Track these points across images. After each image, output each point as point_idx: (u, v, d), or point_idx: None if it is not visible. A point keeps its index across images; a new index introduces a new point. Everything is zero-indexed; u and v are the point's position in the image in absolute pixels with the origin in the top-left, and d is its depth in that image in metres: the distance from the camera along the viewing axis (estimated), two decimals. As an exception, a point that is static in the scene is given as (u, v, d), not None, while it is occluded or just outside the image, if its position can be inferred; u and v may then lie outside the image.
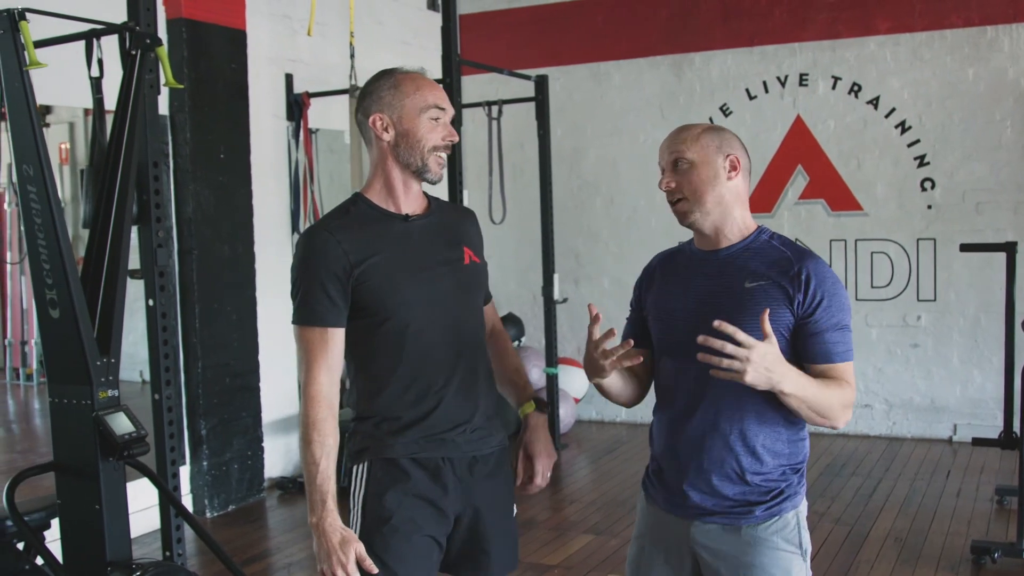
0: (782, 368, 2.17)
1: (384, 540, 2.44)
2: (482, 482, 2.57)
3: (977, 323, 7.21)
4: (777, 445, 2.37)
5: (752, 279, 2.36)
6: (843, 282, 7.31)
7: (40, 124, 3.31)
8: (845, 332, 2.33)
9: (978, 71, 7.13)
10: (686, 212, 2.41)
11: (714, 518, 2.41)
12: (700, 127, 2.45)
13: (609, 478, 6.68)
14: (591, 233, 8.36)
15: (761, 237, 2.43)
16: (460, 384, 2.54)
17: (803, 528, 2.41)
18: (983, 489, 6.06)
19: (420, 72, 2.60)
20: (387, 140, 2.51)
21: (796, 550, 2.38)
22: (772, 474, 2.38)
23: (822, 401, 2.26)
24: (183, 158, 5.78)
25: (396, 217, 2.54)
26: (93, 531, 3.35)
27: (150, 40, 3.64)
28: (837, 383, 2.30)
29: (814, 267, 2.33)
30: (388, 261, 2.47)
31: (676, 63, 8.02)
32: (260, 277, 6.28)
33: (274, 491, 6.40)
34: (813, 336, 2.32)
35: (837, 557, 4.98)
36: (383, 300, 2.46)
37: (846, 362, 2.33)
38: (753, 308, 2.30)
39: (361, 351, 2.54)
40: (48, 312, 3.35)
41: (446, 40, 6.22)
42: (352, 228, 2.48)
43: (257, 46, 6.29)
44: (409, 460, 2.50)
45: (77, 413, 3.37)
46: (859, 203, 7.51)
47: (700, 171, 2.39)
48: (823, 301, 2.31)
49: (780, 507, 2.38)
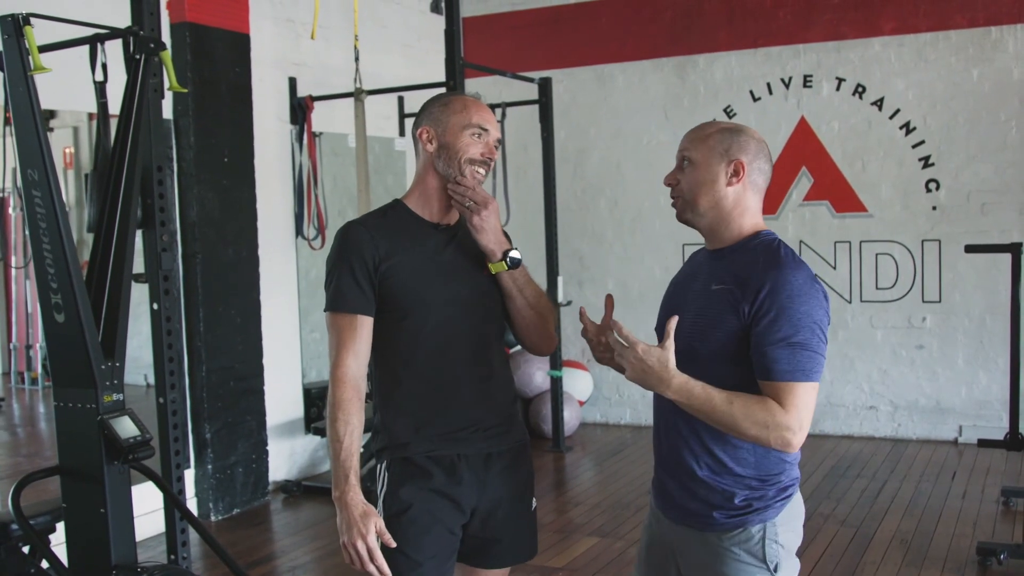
0: (664, 374, 2.20)
1: (403, 531, 2.54)
2: (498, 476, 2.66)
3: (983, 324, 7.20)
4: (740, 453, 2.32)
5: (719, 282, 2.34)
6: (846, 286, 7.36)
7: (44, 128, 3.32)
8: (795, 350, 2.20)
9: (983, 71, 7.12)
10: (681, 210, 2.42)
11: (686, 520, 2.41)
12: (716, 127, 2.40)
13: (614, 480, 6.68)
14: (595, 235, 8.36)
15: (753, 242, 2.37)
16: (476, 386, 2.63)
17: (772, 543, 2.32)
18: (989, 491, 6.04)
19: (474, 96, 2.72)
20: (430, 151, 2.63)
21: (759, 564, 2.31)
22: (733, 482, 2.33)
23: (719, 416, 2.20)
24: (187, 162, 5.79)
25: (428, 224, 2.66)
26: (98, 535, 3.36)
27: (154, 44, 3.65)
28: (757, 400, 2.21)
29: (776, 278, 2.23)
30: (414, 262, 2.59)
31: (680, 65, 8.02)
32: (264, 280, 6.28)
33: (279, 494, 6.40)
34: (755, 349, 2.23)
35: (843, 559, 4.98)
36: (404, 298, 2.57)
37: (790, 382, 2.19)
38: (711, 310, 2.32)
39: (381, 348, 2.63)
40: (53, 316, 3.36)
41: (449, 43, 6.22)
42: (387, 228, 2.62)
43: (261, 50, 6.30)
44: (425, 458, 2.59)
45: (82, 417, 3.38)
46: (864, 204, 7.50)
47: (699, 173, 2.37)
48: (770, 314, 2.21)
49: (744, 518, 2.32)
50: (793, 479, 2.39)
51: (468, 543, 2.68)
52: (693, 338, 2.32)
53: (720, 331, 2.28)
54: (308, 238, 6.67)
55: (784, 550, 2.34)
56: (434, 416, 2.59)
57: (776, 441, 2.20)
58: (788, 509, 2.37)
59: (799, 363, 2.20)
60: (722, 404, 2.20)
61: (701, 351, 2.31)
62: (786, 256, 2.31)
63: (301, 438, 6.77)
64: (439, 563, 2.60)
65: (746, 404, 2.20)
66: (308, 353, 6.96)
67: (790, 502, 2.38)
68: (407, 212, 2.67)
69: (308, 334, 6.99)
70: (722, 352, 2.29)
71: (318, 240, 6.67)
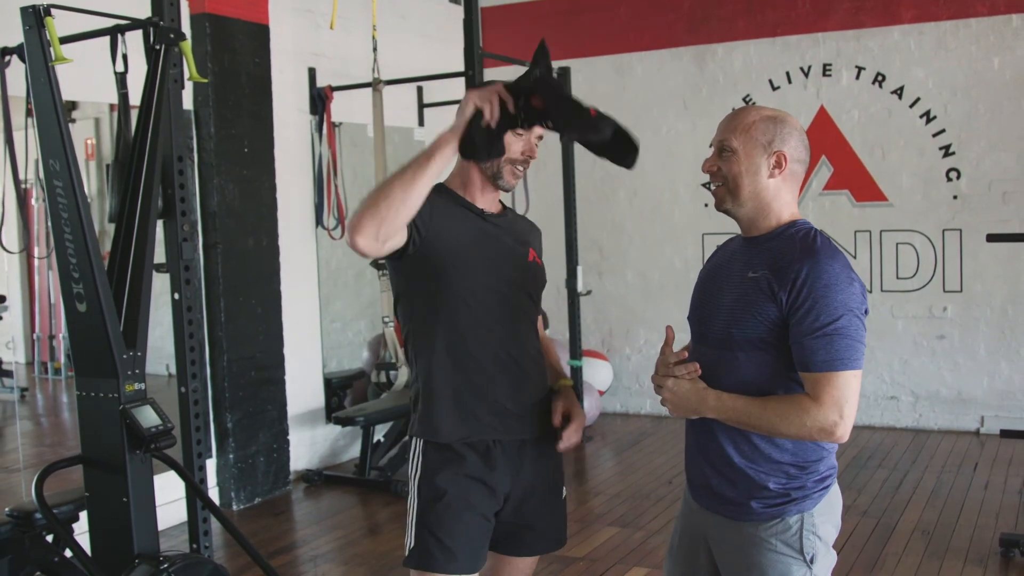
0: (695, 398, 2.30)
1: (438, 517, 2.58)
2: (531, 463, 2.69)
3: (1004, 314, 7.15)
4: (777, 439, 2.30)
5: (755, 270, 2.32)
6: (866, 276, 7.32)
7: (66, 119, 3.33)
8: (832, 339, 2.19)
9: (1004, 60, 7.06)
10: (721, 199, 2.40)
11: (721, 509, 2.39)
12: (759, 115, 2.37)
13: (634, 471, 6.67)
14: (615, 225, 8.35)
15: (789, 230, 2.35)
16: (514, 372, 2.65)
17: (810, 534, 2.30)
18: (1011, 482, 6.01)
19: None
20: None
21: (796, 555, 2.29)
22: (771, 470, 2.31)
23: (757, 423, 2.25)
24: (208, 152, 5.80)
25: (475, 209, 2.69)
26: (121, 523, 3.38)
27: (174, 35, 3.66)
28: (789, 400, 2.23)
29: (812, 266, 2.22)
30: (460, 237, 2.60)
31: (699, 54, 7.99)
32: (284, 270, 6.30)
33: (300, 484, 6.43)
34: (794, 340, 2.23)
35: (864, 550, 4.96)
36: (446, 267, 2.57)
37: (828, 372, 2.19)
38: (747, 298, 2.30)
39: (423, 332, 2.64)
40: (75, 306, 3.37)
41: (468, 33, 6.21)
42: (439, 203, 2.59)
43: (280, 40, 6.31)
44: (462, 444, 2.61)
45: (104, 406, 3.40)
46: (884, 194, 7.46)
47: (740, 163, 2.34)
48: (807, 303, 2.20)
49: (782, 508, 2.30)
50: (831, 468, 2.37)
51: (500, 530, 2.70)
52: (730, 325, 2.31)
53: (757, 318, 2.27)
54: (328, 228, 6.69)
55: (821, 542, 2.32)
56: (472, 401, 2.61)
57: (819, 435, 2.21)
58: (827, 500, 2.35)
59: (837, 352, 2.20)
60: (758, 411, 2.24)
61: (737, 338, 2.30)
62: (822, 245, 2.30)
63: (322, 427, 6.79)
64: (474, 549, 2.62)
65: (778, 407, 2.22)
66: (329, 343, 6.98)
67: (828, 492, 2.36)
68: (454, 195, 2.68)
69: (329, 324, 7.00)
70: (759, 339, 2.28)
71: (337, 230, 6.68)
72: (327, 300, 6.93)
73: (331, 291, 7.03)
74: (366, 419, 6.26)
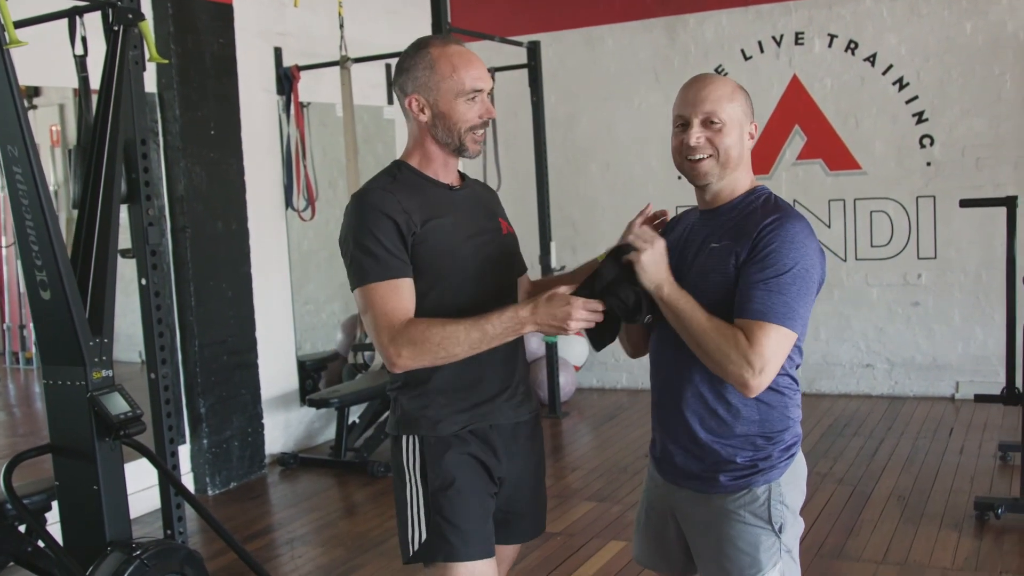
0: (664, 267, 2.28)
1: (450, 502, 2.49)
2: (521, 446, 2.65)
3: (978, 280, 7.18)
4: (743, 411, 2.30)
5: (718, 239, 2.32)
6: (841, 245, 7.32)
7: (23, 104, 3.26)
8: (773, 294, 2.18)
9: (976, 24, 7.05)
10: (707, 172, 2.35)
11: (688, 484, 2.40)
12: (731, 84, 2.39)
13: (610, 445, 6.67)
14: (588, 200, 8.31)
15: (750, 197, 2.37)
16: (504, 349, 2.51)
17: (777, 503, 2.31)
18: (986, 446, 6.05)
19: (456, 45, 2.52)
20: (424, 121, 2.51)
21: (765, 525, 2.30)
22: (738, 444, 2.31)
23: (695, 329, 2.21)
24: (173, 135, 5.73)
25: (442, 185, 2.56)
26: (92, 512, 3.35)
27: (132, 15, 3.60)
28: (732, 330, 2.19)
29: (775, 223, 2.24)
30: (445, 225, 2.49)
31: (670, 25, 7.94)
32: (255, 253, 6.24)
33: (275, 467, 6.40)
34: (740, 287, 2.23)
35: (840, 517, 4.98)
36: (439, 262, 2.47)
37: (760, 321, 2.17)
38: (710, 267, 2.31)
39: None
40: (39, 293, 3.33)
41: (436, 7, 6.16)
42: (405, 191, 2.48)
43: (244, 19, 6.22)
44: (464, 431, 2.54)
45: (71, 394, 3.36)
46: (857, 162, 7.46)
47: (732, 134, 2.33)
48: (761, 254, 2.21)
49: (750, 480, 2.31)
50: (796, 436, 2.39)
51: (493, 517, 2.62)
52: (695, 296, 2.27)
53: (722, 287, 2.27)
54: (298, 209, 6.63)
55: (789, 511, 2.34)
56: (469, 385, 2.52)
57: (734, 376, 2.19)
58: (792, 468, 2.37)
59: (773, 305, 2.19)
60: (702, 320, 2.21)
61: (704, 305, 2.27)
62: (785, 207, 2.33)
63: (296, 410, 6.75)
64: (486, 528, 2.55)
65: (721, 328, 2.20)
66: (302, 325, 6.94)
67: (794, 461, 2.38)
68: (415, 173, 2.54)
69: (301, 306, 6.96)
70: (725, 306, 2.25)
71: (308, 211, 6.62)
72: (299, 282, 6.88)
73: (303, 273, 6.97)
74: (340, 401, 6.23)
